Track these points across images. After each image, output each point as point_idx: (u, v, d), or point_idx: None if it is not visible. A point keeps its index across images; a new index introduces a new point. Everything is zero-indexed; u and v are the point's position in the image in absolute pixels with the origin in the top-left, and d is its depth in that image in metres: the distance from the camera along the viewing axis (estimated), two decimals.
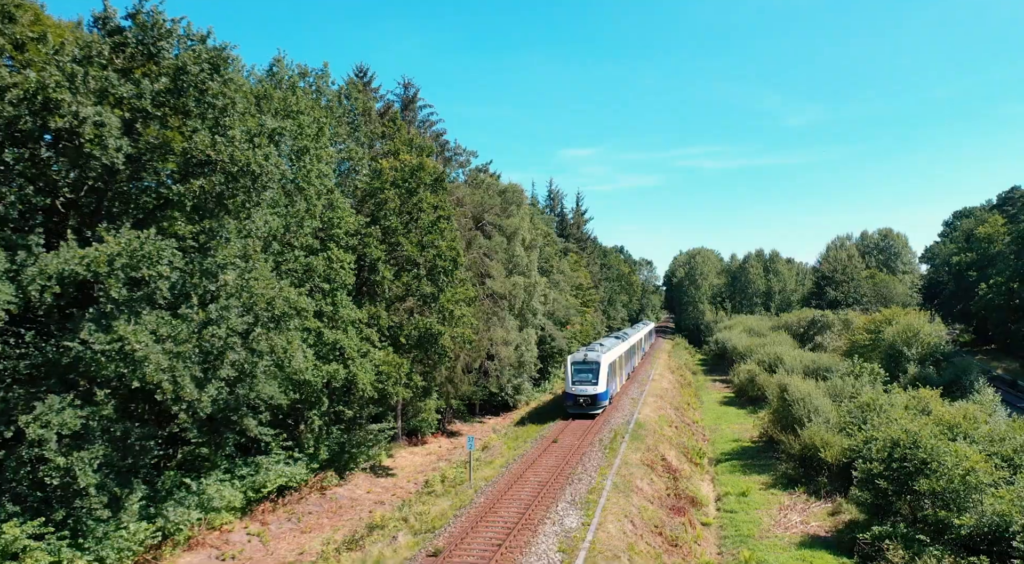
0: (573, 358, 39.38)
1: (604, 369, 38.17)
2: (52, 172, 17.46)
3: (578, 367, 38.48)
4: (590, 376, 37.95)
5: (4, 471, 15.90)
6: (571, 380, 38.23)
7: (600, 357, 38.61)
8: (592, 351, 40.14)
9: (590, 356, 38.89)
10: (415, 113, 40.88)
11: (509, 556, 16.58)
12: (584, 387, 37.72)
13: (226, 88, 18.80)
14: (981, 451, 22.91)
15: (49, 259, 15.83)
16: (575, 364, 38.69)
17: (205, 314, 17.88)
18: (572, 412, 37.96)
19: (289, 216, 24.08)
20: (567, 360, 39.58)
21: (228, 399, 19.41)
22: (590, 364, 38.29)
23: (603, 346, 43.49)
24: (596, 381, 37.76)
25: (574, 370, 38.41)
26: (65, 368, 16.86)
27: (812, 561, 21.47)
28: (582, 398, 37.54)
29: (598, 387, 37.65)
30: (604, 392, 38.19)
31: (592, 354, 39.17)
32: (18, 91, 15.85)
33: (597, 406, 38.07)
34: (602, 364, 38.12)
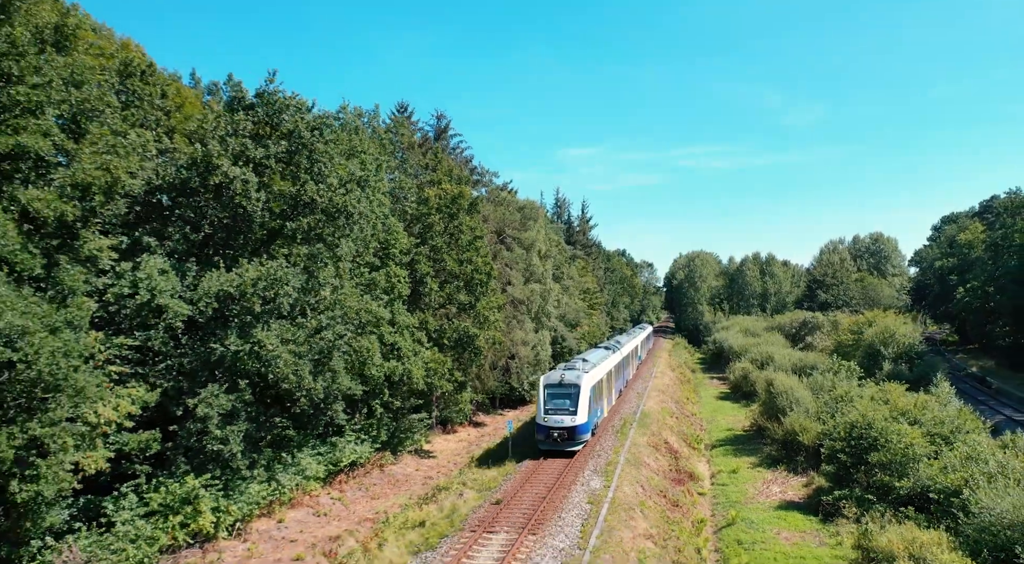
0: (547, 379, 32.14)
1: (585, 394, 30.85)
2: (202, 215, 22.87)
3: (553, 392, 31.29)
4: (567, 403, 30.56)
5: (179, 439, 21.33)
6: (543, 408, 30.74)
7: (580, 379, 31.30)
8: (571, 370, 33.00)
9: (568, 377, 31.53)
10: (447, 141, 46.35)
11: (552, 505, 22.06)
12: (560, 417, 30.25)
13: (327, 147, 24.22)
14: (924, 432, 28.38)
15: (212, 281, 21.25)
16: (549, 388, 31.47)
17: (317, 322, 23.32)
18: (544, 449, 30.51)
19: (358, 240, 29.48)
20: (539, 382, 32.29)
21: (328, 389, 24.81)
22: (567, 388, 31.02)
23: (586, 363, 35.65)
24: (575, 409, 30.28)
25: (547, 395, 31.14)
26: (215, 364, 22.28)
27: (785, 518, 26.93)
28: (556, 431, 29.99)
29: (577, 417, 30.14)
30: (585, 423, 30.60)
31: (570, 374, 31.90)
32: (188, 159, 21.27)
33: (576, 441, 30.44)
34: (583, 388, 30.84)
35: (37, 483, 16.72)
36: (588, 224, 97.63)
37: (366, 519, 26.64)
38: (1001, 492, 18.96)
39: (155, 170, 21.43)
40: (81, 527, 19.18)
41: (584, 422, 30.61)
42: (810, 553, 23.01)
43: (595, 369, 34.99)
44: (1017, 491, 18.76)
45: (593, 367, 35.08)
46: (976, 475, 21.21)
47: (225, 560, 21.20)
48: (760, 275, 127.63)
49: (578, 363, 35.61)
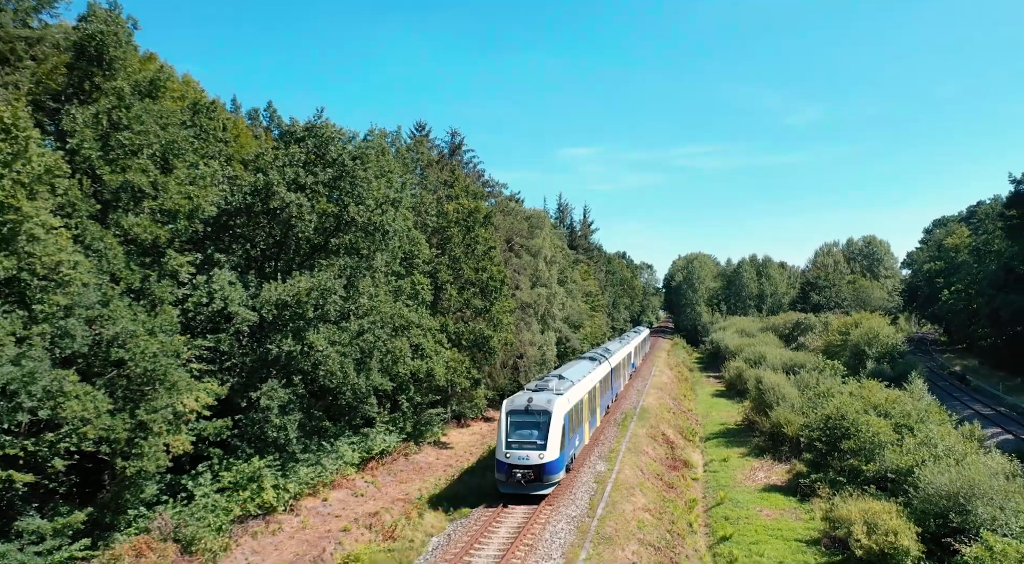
0: (511, 404, 25.81)
1: (558, 422, 24.78)
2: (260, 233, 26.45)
3: (517, 420, 25.14)
4: (534, 435, 24.54)
5: (244, 426, 24.90)
6: (504, 440, 24.63)
7: (552, 404, 25.15)
8: (542, 391, 27.07)
9: (536, 401, 25.38)
10: (461, 155, 49.92)
11: (566, 483, 25.64)
12: (524, 452, 24.08)
13: (366, 173, 27.79)
14: (892, 423, 31.93)
15: (271, 291, 24.81)
16: (513, 415, 25.29)
17: (358, 326, 26.89)
18: (506, 492, 24.41)
19: (390, 252, 33.03)
20: (503, 408, 25.78)
21: (367, 385, 28.38)
22: (535, 415, 24.94)
23: (562, 380, 29.98)
24: (544, 442, 24.24)
25: (510, 424, 25.07)
26: (272, 362, 25.85)
27: (768, 499, 30.53)
28: (520, 470, 23.81)
29: (546, 452, 24.08)
30: (556, 460, 24.25)
31: (540, 398, 25.73)
32: (251, 186, 24.83)
33: (544, 482, 24.22)
34: (555, 415, 24.74)
35: (141, 460, 20.25)
36: (589, 228, 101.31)
37: (398, 499, 30.18)
38: (942, 470, 22.52)
39: (224, 196, 24.96)
40: (168, 499, 22.75)
41: (555, 458, 24.14)
42: (787, 526, 26.60)
43: (573, 389, 28.95)
44: (955, 469, 22.31)
45: (570, 387, 28.92)
46: (926, 457, 24.79)
47: (284, 529, 24.76)
48: (756, 277, 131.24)
49: (552, 381, 29.15)
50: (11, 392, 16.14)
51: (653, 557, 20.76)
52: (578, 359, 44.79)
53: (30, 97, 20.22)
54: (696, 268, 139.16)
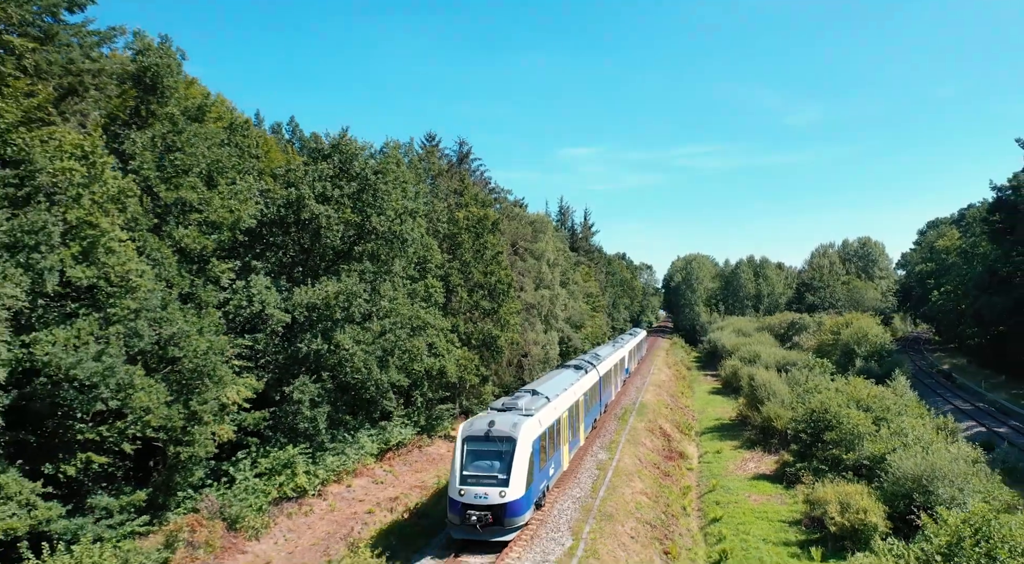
0: (469, 429, 21.52)
1: (524, 450, 20.59)
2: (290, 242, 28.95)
3: (475, 448, 20.97)
4: (496, 466, 20.44)
5: (278, 418, 27.41)
6: (459, 473, 20.55)
7: (518, 428, 20.87)
8: (510, 410, 22.94)
9: (500, 426, 21.02)
10: (469, 164, 52.40)
11: (571, 469, 28.15)
12: (483, 489, 19.94)
13: (387, 186, 30.28)
14: (873, 416, 34.39)
15: (303, 294, 27.30)
16: (470, 442, 21.08)
17: (380, 327, 29.39)
18: (458, 537, 20.40)
19: (407, 258, 35.53)
20: (459, 433, 21.58)
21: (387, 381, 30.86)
22: (498, 442, 20.71)
23: (536, 397, 25.38)
24: (506, 477, 20.09)
25: (467, 454, 20.91)
26: (302, 360, 28.34)
27: (756, 486, 33.03)
28: (476, 512, 19.74)
29: (509, 488, 19.88)
30: (522, 498, 20.12)
31: (504, 420, 21.37)
32: (283, 199, 27.32)
33: (506, 526, 20.01)
34: (521, 442, 20.56)
35: (193, 446, 22.74)
36: (590, 230, 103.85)
37: (415, 486, 32.69)
38: (909, 456, 25.01)
39: (260, 209, 27.45)
40: (213, 483, 25.24)
41: (520, 497, 19.82)
42: (772, 509, 29.11)
43: (547, 407, 24.44)
44: (920, 456, 24.79)
45: (544, 405, 24.44)
46: (897, 445, 27.29)
47: (315, 511, 27.27)
48: (754, 277, 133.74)
49: (523, 398, 24.40)
50: (91, 385, 18.62)
51: (650, 533, 23.27)
52: (561, 368, 38.84)
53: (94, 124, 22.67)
54: (695, 269, 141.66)
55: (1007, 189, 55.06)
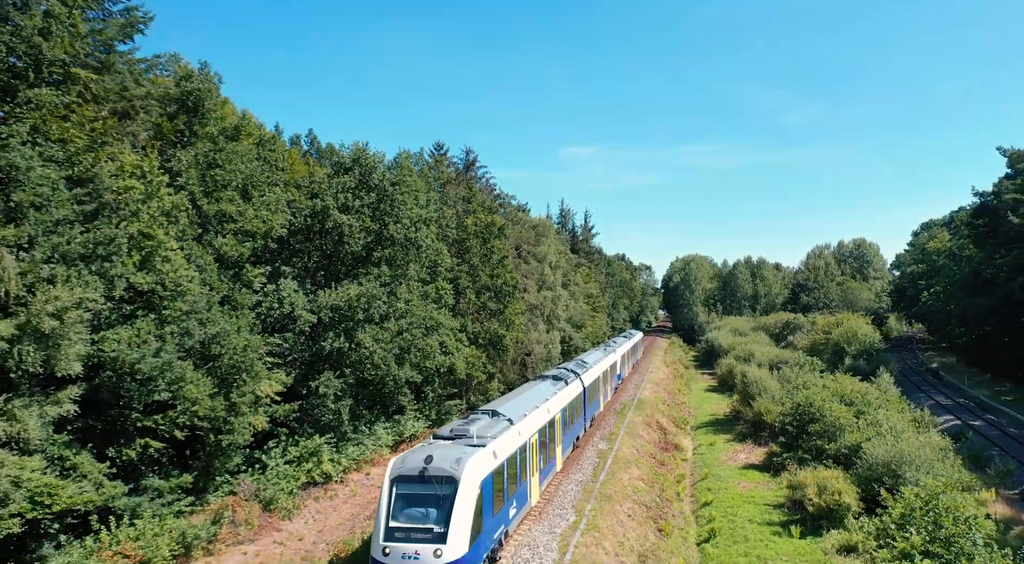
0: (400, 466, 17.46)
1: (470, 493, 16.58)
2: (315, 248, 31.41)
3: (407, 491, 16.90)
4: (431, 515, 16.42)
5: (305, 410, 29.86)
6: (384, 524, 16.55)
7: (462, 466, 16.87)
8: (459, 438, 19.33)
9: (440, 461, 17.03)
10: (475, 172, 54.88)
11: (574, 457, 30.59)
12: (414, 545, 15.95)
13: (403, 196, 32.72)
14: (855, 410, 36.82)
15: (327, 297, 29.75)
16: (401, 483, 17.02)
17: (397, 327, 31.84)
18: None
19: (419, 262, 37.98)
20: (387, 471, 17.84)
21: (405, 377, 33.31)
22: (435, 484, 16.62)
23: (496, 420, 21.68)
24: (444, 528, 16.09)
25: (397, 499, 16.88)
26: (326, 357, 30.79)
27: (746, 474, 35.48)
28: None
29: (447, 545, 15.89)
30: (467, 556, 16.19)
31: (446, 455, 17.40)
32: (309, 210, 29.77)
33: None
34: (465, 483, 16.54)
35: (233, 434, 25.18)
36: (590, 232, 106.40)
37: None
38: (880, 444, 27.47)
39: (289, 219, 29.90)
40: (248, 469, 27.68)
41: (463, 554, 16.03)
42: (759, 494, 31.56)
43: (507, 434, 20.36)
44: (891, 443, 27.24)
45: (504, 431, 20.49)
46: (872, 435, 29.75)
47: (339, 496, 29.72)
48: (751, 278, 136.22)
49: (477, 422, 20.31)
50: (150, 378, 21.07)
51: (645, 513, 25.74)
52: (537, 380, 33.60)
53: (144, 144, 25.12)
54: (693, 269, 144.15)
55: (989, 195, 57.50)
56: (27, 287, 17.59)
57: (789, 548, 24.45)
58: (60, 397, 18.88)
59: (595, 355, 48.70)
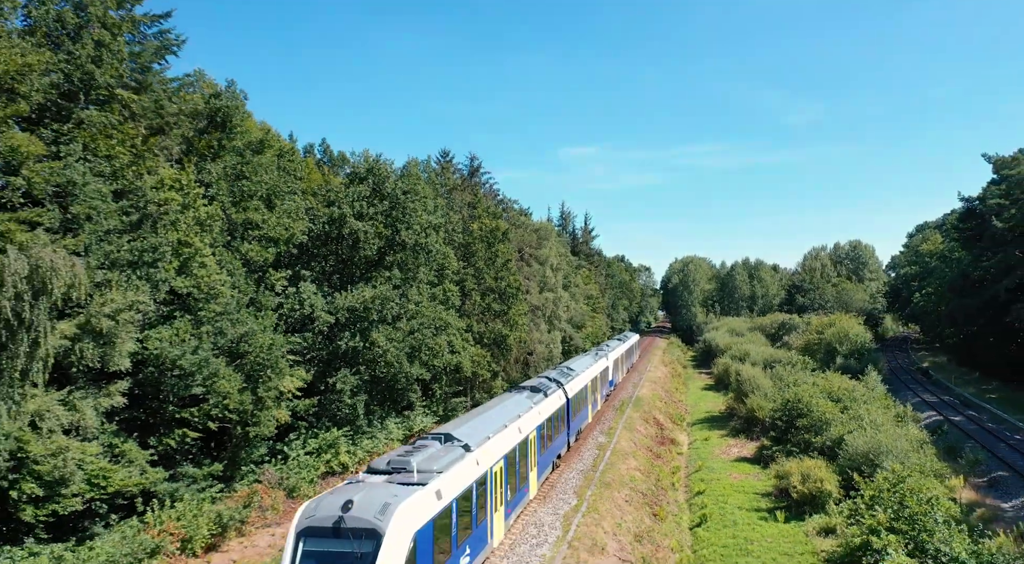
0: (308, 517, 13.24)
1: (397, 551, 12.68)
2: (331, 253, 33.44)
3: (316, 547, 12.87)
4: None
5: (324, 405, 31.87)
6: None
7: (389, 514, 12.94)
8: (391, 476, 15.37)
9: (360, 509, 12.98)
10: (479, 178, 56.93)
11: (575, 449, 32.63)
12: None
13: (414, 204, 34.75)
14: (841, 405, 38.80)
15: (344, 299, 31.76)
16: (309, 538, 12.95)
17: (409, 326, 33.87)
18: None
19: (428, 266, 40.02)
20: (293, 522, 13.40)
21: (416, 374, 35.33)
22: (352, 537, 12.65)
23: (448, 448, 17.99)
24: None
25: (303, 558, 12.77)
26: (342, 356, 32.81)
27: (737, 467, 37.47)
28: None
29: None
30: None
31: (370, 499, 13.39)
32: (327, 216, 31.80)
33: None
34: (390, 536, 12.63)
35: (259, 427, 27.19)
36: (591, 235, 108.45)
37: None
38: (860, 436, 29.48)
39: (308, 226, 31.94)
40: (271, 459, 29.68)
41: None
42: (749, 484, 33.56)
43: (458, 466, 16.90)
44: (869, 436, 29.25)
45: (456, 461, 17.11)
46: (853, 428, 31.76)
47: None
48: (749, 279, 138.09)
49: (423, 451, 17.06)
50: (188, 373, 23.08)
51: (641, 499, 27.75)
52: (511, 392, 29.49)
53: (177, 157, 27.14)
54: (691, 271, 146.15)
55: (975, 200, 59.54)
56: None
57: (774, 531, 26.44)
58: (111, 390, 20.92)
59: (583, 361, 43.79)
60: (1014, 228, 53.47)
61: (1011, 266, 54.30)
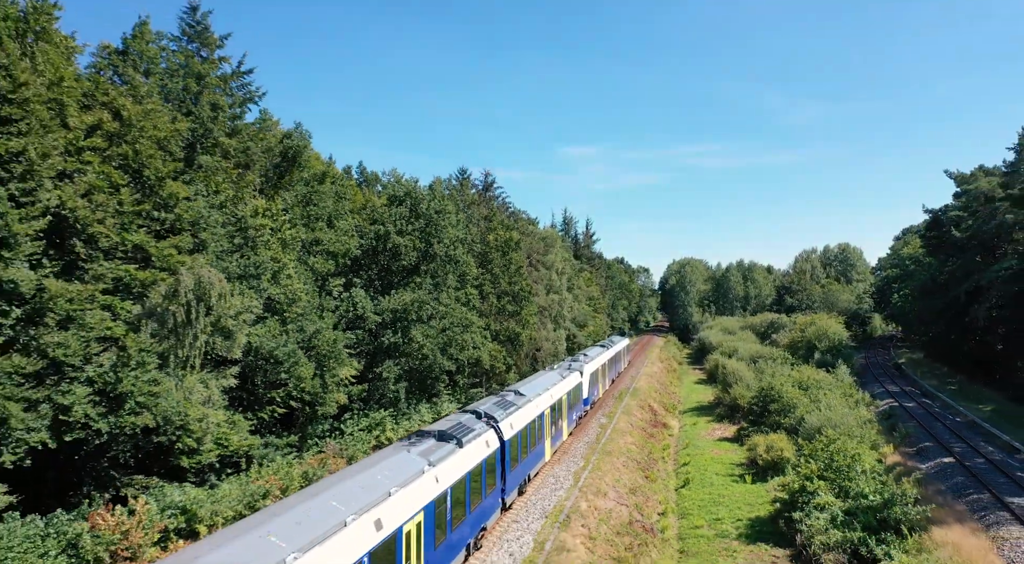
0: None
1: None
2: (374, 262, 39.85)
3: None
4: None
5: (372, 390, 38.27)
6: None
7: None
8: None
9: None
10: (493, 192, 63.31)
11: (581, 427, 39.02)
12: None
13: (445, 222, 41.13)
14: (810, 393, 45.19)
15: (388, 302, 38.13)
16: None
17: (441, 325, 40.25)
18: None
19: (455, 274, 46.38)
20: None
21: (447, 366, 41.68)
22: None
23: None
24: None
25: None
26: (385, 350, 39.19)
27: (719, 445, 43.86)
28: None
29: None
30: None
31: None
32: (374, 233, 38.20)
33: None
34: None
35: (324, 406, 33.54)
36: (591, 239, 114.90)
37: None
38: (816, 415, 35.86)
39: (360, 241, 38.30)
40: (330, 434, 36.04)
41: None
42: (726, 458, 39.95)
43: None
44: (823, 415, 35.62)
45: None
46: (812, 410, 38.17)
47: None
48: (743, 280, 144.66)
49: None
50: (279, 361, 29.42)
51: (636, 466, 34.13)
52: (456, 416, 23.68)
53: (259, 188, 33.45)
54: (688, 272, 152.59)
55: (939, 211, 65.89)
56: None
57: (743, 489, 32.83)
58: (227, 374, 27.27)
59: (547, 379, 34.40)
60: (972, 237, 59.81)
61: (970, 271, 60.61)
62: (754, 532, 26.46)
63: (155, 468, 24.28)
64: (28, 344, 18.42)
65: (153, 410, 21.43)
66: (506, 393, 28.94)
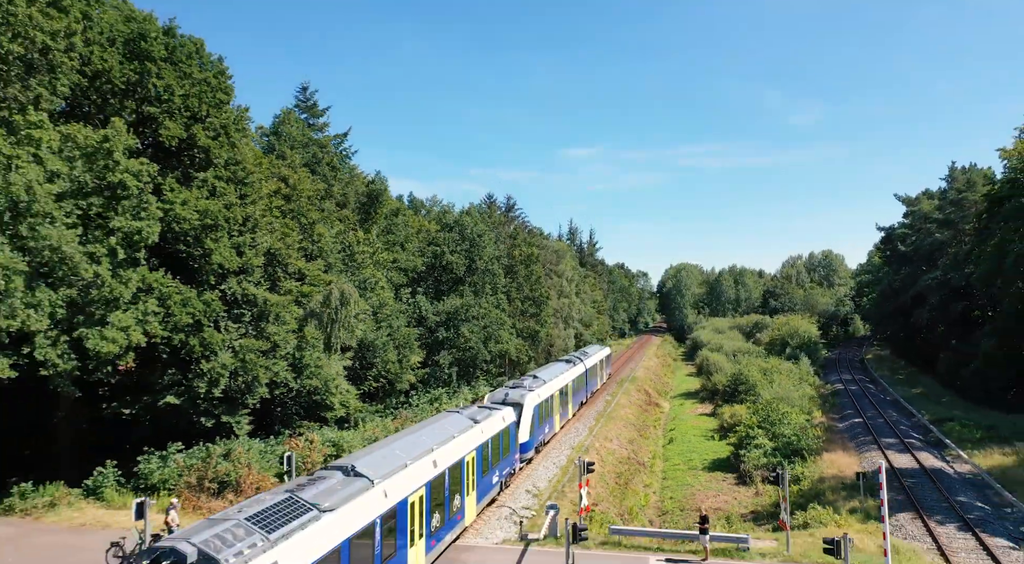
0: None
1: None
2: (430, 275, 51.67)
3: None
4: None
5: (431, 374, 50.02)
6: None
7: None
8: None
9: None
10: (515, 212, 75.29)
11: (591, 402, 50.83)
12: None
13: (486, 242, 52.91)
14: (767, 376, 56.87)
15: (443, 305, 49.90)
16: None
17: (484, 323, 52.02)
18: None
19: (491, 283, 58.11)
20: None
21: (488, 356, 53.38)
22: None
23: None
24: None
25: None
26: (440, 343, 50.94)
27: (699, 418, 55.61)
28: None
29: None
30: None
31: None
32: (432, 254, 50.01)
33: None
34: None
35: (400, 383, 45.23)
36: (595, 247, 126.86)
37: None
38: (768, 390, 47.58)
39: (423, 258, 50.02)
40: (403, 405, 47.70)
41: None
42: (703, 425, 51.68)
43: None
44: (774, 390, 47.31)
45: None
46: (766, 386, 49.89)
47: None
48: (734, 284, 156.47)
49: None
50: (378, 349, 41.10)
51: (633, 428, 45.87)
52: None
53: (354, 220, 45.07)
54: (684, 277, 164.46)
55: (889, 228, 77.72)
56: None
57: (712, 445, 44.53)
58: (345, 357, 38.97)
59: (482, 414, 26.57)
60: (915, 251, 71.58)
61: (915, 279, 72.38)
62: (714, 466, 38.27)
63: (310, 418, 36.00)
64: (260, 332, 30.15)
65: (318, 377, 33.15)
66: (527, 377, 38.20)
